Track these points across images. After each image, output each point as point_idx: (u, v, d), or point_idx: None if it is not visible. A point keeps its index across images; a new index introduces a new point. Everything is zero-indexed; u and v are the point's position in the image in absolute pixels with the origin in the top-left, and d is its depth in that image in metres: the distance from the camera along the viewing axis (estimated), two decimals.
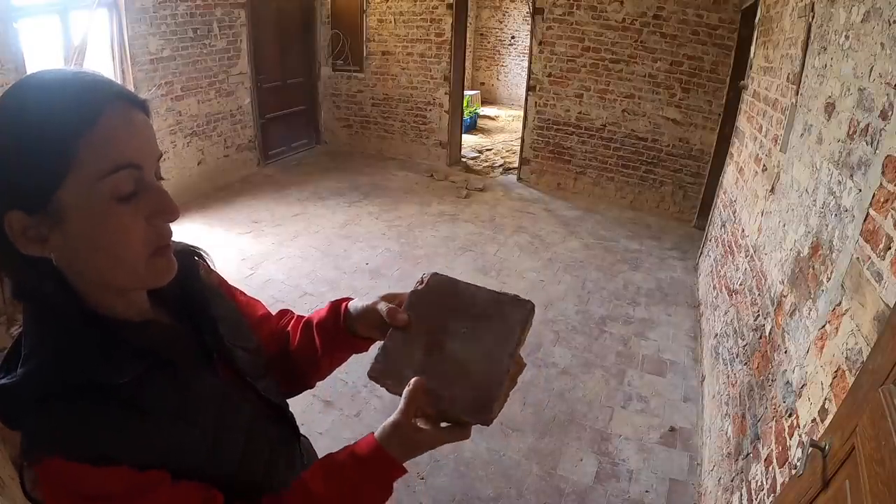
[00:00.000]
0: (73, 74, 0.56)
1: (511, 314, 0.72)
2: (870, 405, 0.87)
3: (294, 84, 6.40)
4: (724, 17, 4.57)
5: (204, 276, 0.76)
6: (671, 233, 4.96)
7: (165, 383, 0.60)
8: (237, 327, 0.77)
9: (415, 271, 3.99)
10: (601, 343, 3.25)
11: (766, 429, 1.59)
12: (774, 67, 2.72)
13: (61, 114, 0.52)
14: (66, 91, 0.53)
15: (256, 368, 0.76)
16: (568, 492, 2.23)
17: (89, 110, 0.53)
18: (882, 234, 1.14)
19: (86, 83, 0.55)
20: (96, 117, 0.53)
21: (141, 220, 0.56)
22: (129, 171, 0.55)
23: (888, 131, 1.22)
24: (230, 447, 0.65)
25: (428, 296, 0.76)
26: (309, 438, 0.94)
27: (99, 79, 0.57)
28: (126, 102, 0.56)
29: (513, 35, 10.57)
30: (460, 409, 0.64)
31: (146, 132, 0.58)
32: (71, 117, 0.52)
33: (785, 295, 1.78)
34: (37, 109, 0.52)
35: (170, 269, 0.61)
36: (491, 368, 0.67)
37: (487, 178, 6.26)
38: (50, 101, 0.53)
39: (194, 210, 4.82)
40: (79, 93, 0.54)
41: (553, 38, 5.34)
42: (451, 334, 0.71)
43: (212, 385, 0.66)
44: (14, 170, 0.52)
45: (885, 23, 1.37)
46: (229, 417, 0.66)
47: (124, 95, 0.57)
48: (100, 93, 0.54)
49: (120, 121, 0.55)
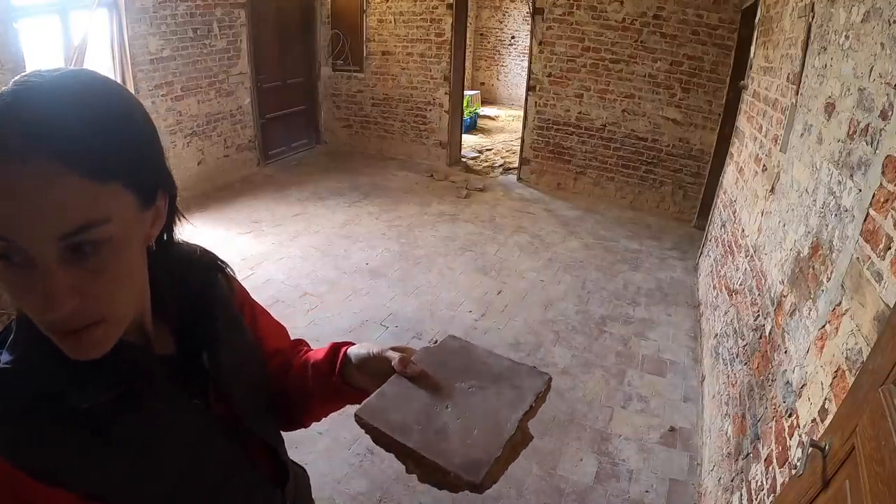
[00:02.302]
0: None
1: (526, 382, 0.67)
2: (870, 405, 0.87)
3: (294, 84, 6.40)
4: (724, 17, 4.57)
5: (223, 296, 0.70)
6: (671, 233, 4.96)
7: (136, 415, 0.54)
8: (246, 358, 0.71)
9: (415, 271, 3.99)
10: (601, 343, 3.25)
11: (766, 429, 1.60)
12: (774, 67, 2.72)
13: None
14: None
15: (258, 404, 0.71)
16: (568, 492, 2.23)
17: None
18: (882, 234, 1.14)
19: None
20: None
21: (13, 296, 0.46)
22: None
23: (888, 131, 1.22)
24: (193, 495, 0.58)
25: (440, 353, 0.72)
26: (306, 470, 0.88)
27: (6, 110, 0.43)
28: (11, 154, 0.42)
29: (513, 35, 10.57)
30: (448, 463, 0.57)
31: (30, 195, 0.42)
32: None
33: (785, 295, 1.78)
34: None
35: (86, 351, 0.49)
36: (494, 429, 0.61)
37: (487, 178, 6.26)
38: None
39: (194, 210, 4.82)
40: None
41: (553, 38, 5.34)
42: (458, 392, 0.66)
43: (190, 423, 0.60)
44: None
45: (885, 23, 1.37)
46: (198, 462, 0.59)
47: (19, 144, 0.42)
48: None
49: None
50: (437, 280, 3.89)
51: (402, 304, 3.54)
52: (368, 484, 2.20)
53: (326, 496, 2.14)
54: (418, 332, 3.24)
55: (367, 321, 3.33)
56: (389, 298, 3.61)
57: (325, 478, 2.22)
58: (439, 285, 3.82)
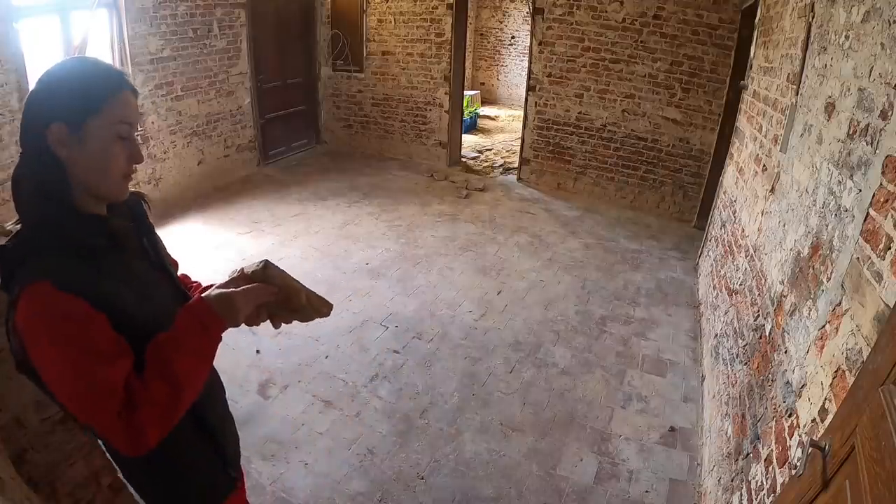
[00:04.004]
0: (109, 64, 0.96)
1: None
2: (870, 405, 0.87)
3: (294, 84, 6.40)
4: (724, 17, 4.57)
5: (145, 212, 1.10)
6: (671, 233, 4.96)
7: (116, 258, 0.93)
8: (163, 245, 1.14)
9: (415, 271, 3.99)
10: (601, 343, 3.25)
11: (766, 429, 1.60)
12: (774, 67, 2.72)
13: (105, 78, 0.90)
14: (106, 67, 0.92)
15: (172, 269, 1.13)
16: (568, 492, 2.23)
17: (117, 84, 0.91)
18: (882, 234, 1.14)
19: (115, 70, 0.94)
20: (119, 90, 0.91)
21: (125, 155, 0.92)
22: (128, 125, 0.92)
23: (888, 131, 1.22)
24: (151, 306, 0.95)
25: None
26: None
27: (121, 71, 0.95)
28: (132, 89, 0.94)
29: (513, 35, 10.57)
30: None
31: (136, 107, 0.96)
32: (109, 83, 0.90)
33: (785, 295, 1.78)
34: (94, 69, 0.90)
35: (127, 190, 0.97)
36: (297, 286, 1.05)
37: (487, 178, 6.26)
38: (97, 68, 0.91)
39: (194, 210, 4.83)
40: (112, 71, 0.92)
41: (553, 38, 5.34)
42: None
43: (145, 269, 1.02)
44: (72, 97, 0.86)
45: (885, 23, 1.37)
46: (153, 289, 1.00)
47: (131, 85, 0.95)
48: (122, 77, 0.93)
49: (129, 97, 0.93)
50: (436, 280, 3.89)
51: (402, 305, 3.54)
52: (368, 484, 2.20)
53: (326, 496, 2.14)
54: (418, 332, 3.24)
55: (366, 321, 3.33)
56: (389, 298, 3.61)
57: (325, 478, 2.22)
58: (439, 285, 3.82)
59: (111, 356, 0.83)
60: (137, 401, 0.83)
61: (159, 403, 0.84)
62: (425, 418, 2.58)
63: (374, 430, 2.49)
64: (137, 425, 0.82)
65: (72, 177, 0.88)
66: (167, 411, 0.86)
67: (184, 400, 0.88)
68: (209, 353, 0.92)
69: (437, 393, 2.75)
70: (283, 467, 2.26)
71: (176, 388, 0.86)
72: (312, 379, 2.80)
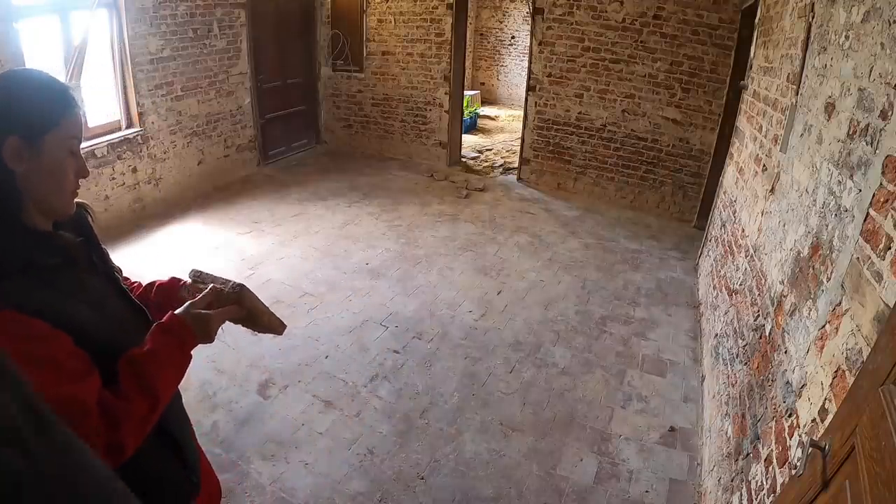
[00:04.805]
0: (55, 77, 0.94)
1: None
2: (870, 405, 0.87)
3: (294, 84, 6.40)
4: (724, 17, 4.57)
5: (90, 224, 1.11)
6: (671, 233, 4.96)
7: (69, 275, 0.92)
8: (109, 257, 1.14)
9: (415, 271, 3.99)
10: (601, 343, 3.25)
11: (766, 429, 1.60)
12: (774, 67, 2.72)
13: (60, 92, 0.91)
14: (59, 81, 0.93)
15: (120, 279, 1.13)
16: (568, 492, 2.23)
17: (71, 99, 0.92)
18: (882, 234, 1.14)
19: (65, 87, 0.93)
20: (73, 108, 0.92)
21: (73, 170, 0.93)
22: (77, 141, 0.94)
23: (888, 131, 1.22)
24: (108, 320, 0.95)
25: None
26: None
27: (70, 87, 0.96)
28: (79, 107, 0.95)
29: (513, 35, 10.57)
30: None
31: (81, 122, 0.96)
32: (65, 97, 0.91)
33: (785, 295, 1.78)
34: (49, 82, 0.90)
35: (74, 205, 0.98)
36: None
37: (487, 178, 6.26)
38: (53, 82, 0.91)
39: (194, 210, 4.83)
40: (64, 85, 0.93)
41: (553, 38, 5.34)
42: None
43: (97, 282, 1.01)
44: (32, 111, 0.86)
45: (885, 23, 1.37)
46: (106, 302, 0.99)
47: (78, 103, 0.96)
48: (74, 96, 0.93)
49: (78, 114, 0.94)
50: (436, 280, 3.89)
51: (402, 304, 3.54)
52: (368, 484, 2.20)
53: (326, 496, 2.14)
54: (418, 332, 3.24)
55: (366, 321, 3.33)
56: (389, 298, 3.61)
57: (325, 478, 2.22)
58: (439, 285, 3.82)
59: (79, 375, 0.83)
60: (119, 417, 0.85)
61: (140, 417, 0.88)
62: (425, 418, 2.58)
63: (374, 430, 2.49)
64: (118, 442, 0.84)
65: (23, 192, 0.86)
66: (146, 424, 0.90)
67: (159, 411, 0.93)
68: (184, 367, 0.99)
69: (437, 393, 2.75)
70: (283, 467, 2.26)
71: (155, 400, 0.91)
72: (312, 379, 2.80)
